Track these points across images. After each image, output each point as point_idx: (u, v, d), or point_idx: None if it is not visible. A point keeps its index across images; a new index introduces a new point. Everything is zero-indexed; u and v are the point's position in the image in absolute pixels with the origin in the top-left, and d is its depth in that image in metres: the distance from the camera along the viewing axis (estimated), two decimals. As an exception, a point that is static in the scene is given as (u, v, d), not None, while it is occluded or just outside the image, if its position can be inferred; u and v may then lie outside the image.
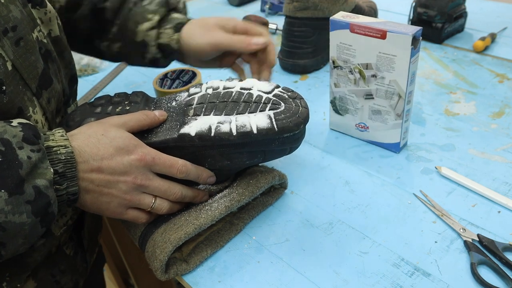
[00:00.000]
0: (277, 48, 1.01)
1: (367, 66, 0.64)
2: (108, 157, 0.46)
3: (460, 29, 1.03)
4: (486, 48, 0.95)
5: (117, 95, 0.59)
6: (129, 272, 1.16)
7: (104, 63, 1.05)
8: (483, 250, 0.52)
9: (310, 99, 0.84)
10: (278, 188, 0.62)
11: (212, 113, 0.53)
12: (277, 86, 0.56)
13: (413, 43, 0.58)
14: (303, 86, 0.89)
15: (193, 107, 0.55)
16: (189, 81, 0.82)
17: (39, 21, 0.51)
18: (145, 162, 0.49)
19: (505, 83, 0.83)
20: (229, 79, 0.58)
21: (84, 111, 0.57)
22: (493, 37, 0.96)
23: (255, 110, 0.52)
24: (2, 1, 0.44)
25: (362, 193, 0.62)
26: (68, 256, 0.57)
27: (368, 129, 0.70)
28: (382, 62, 0.62)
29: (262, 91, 0.55)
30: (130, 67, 1.04)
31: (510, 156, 0.66)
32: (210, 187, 0.57)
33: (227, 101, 0.54)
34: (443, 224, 0.56)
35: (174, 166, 0.51)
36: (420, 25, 0.97)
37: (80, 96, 0.93)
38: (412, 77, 0.62)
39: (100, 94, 0.94)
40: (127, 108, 0.57)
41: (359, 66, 0.65)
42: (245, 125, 0.51)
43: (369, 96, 0.67)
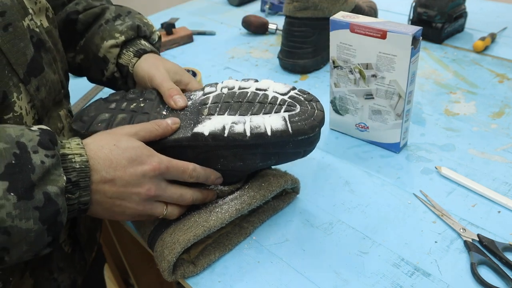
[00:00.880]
0: (277, 48, 1.01)
1: (367, 66, 0.64)
2: (121, 169, 0.46)
3: (460, 29, 1.03)
4: (486, 48, 0.95)
5: (132, 91, 0.60)
6: (129, 272, 1.16)
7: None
8: (483, 250, 0.52)
9: (310, 99, 0.84)
10: (290, 192, 0.62)
11: (226, 113, 0.53)
12: (293, 88, 0.56)
13: (413, 43, 0.58)
14: (303, 86, 0.89)
15: (208, 106, 0.55)
16: (189, 81, 0.82)
17: (31, 11, 0.51)
18: (159, 172, 0.48)
19: (505, 83, 0.83)
20: (244, 79, 0.58)
21: (99, 106, 0.57)
22: (493, 37, 0.96)
23: (270, 111, 0.52)
24: None
25: (362, 193, 0.62)
26: (66, 254, 0.57)
27: (368, 129, 0.70)
28: (382, 62, 0.62)
29: (277, 93, 0.55)
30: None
31: (510, 156, 0.66)
32: (221, 187, 0.57)
33: (242, 101, 0.54)
34: (443, 224, 0.56)
35: (186, 172, 0.51)
36: (420, 25, 0.97)
37: (80, 96, 0.93)
38: (412, 77, 0.62)
39: (101, 94, 0.94)
40: (142, 105, 0.57)
41: (359, 66, 0.65)
42: (259, 126, 0.50)
43: (369, 96, 0.67)
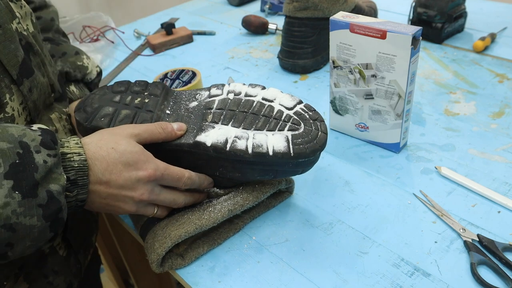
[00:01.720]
0: (277, 48, 1.01)
1: (367, 66, 0.64)
2: (117, 172, 0.46)
3: (460, 29, 1.03)
4: (486, 48, 0.95)
5: (138, 83, 0.59)
6: (129, 272, 1.16)
7: (104, 63, 1.05)
8: (483, 250, 0.52)
9: (310, 99, 0.84)
10: (283, 191, 0.62)
11: (230, 124, 0.53)
12: (300, 102, 0.56)
13: (413, 43, 0.58)
14: (303, 86, 0.89)
15: (212, 111, 0.55)
16: (189, 81, 0.82)
17: (18, 15, 0.51)
18: (154, 179, 0.49)
19: (505, 83, 0.83)
20: (252, 84, 0.58)
21: (103, 97, 0.57)
22: (493, 37, 0.96)
23: (274, 128, 0.53)
24: None
25: (362, 193, 0.62)
26: (61, 257, 0.57)
27: (368, 129, 0.70)
28: (382, 62, 0.62)
29: (284, 106, 0.55)
30: (130, 67, 1.04)
31: (510, 156, 0.66)
32: (217, 190, 0.58)
33: (247, 112, 0.54)
34: (443, 224, 0.56)
35: (181, 180, 0.51)
36: (420, 25, 0.97)
37: (80, 96, 0.93)
38: (412, 77, 0.62)
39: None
40: (146, 100, 0.57)
41: (359, 66, 0.65)
42: (262, 145, 0.51)
43: (369, 96, 0.67)
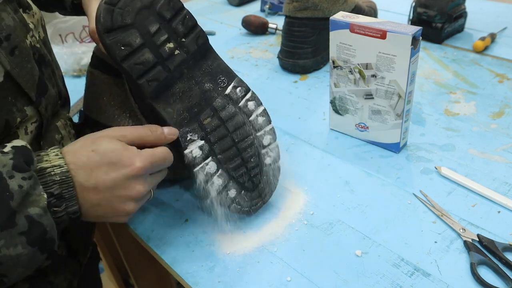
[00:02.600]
0: (277, 48, 1.01)
1: (367, 66, 0.64)
2: (102, 175, 0.44)
3: (460, 29, 1.03)
4: (486, 48, 0.95)
5: (186, 20, 0.52)
6: (129, 272, 1.16)
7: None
8: (483, 250, 0.52)
9: (310, 99, 0.84)
10: None
11: (214, 146, 0.53)
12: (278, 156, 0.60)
13: (413, 43, 0.58)
14: (303, 86, 0.89)
15: (211, 118, 0.53)
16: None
17: (32, 26, 0.50)
18: (144, 171, 0.46)
19: (505, 83, 0.83)
20: (264, 110, 0.58)
21: (143, 12, 0.49)
22: (493, 37, 0.96)
23: (238, 176, 0.55)
24: None
25: (362, 193, 0.62)
26: (60, 257, 0.57)
27: (368, 129, 0.70)
28: (382, 62, 0.62)
29: (263, 161, 0.58)
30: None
31: (510, 156, 0.66)
32: None
33: (235, 143, 0.54)
34: (443, 224, 0.56)
35: (167, 159, 0.49)
36: (420, 25, 0.97)
37: (79, 96, 0.93)
38: (412, 77, 0.62)
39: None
40: (176, 52, 0.51)
41: (359, 66, 0.65)
42: (209, 189, 0.54)
43: (369, 96, 0.67)
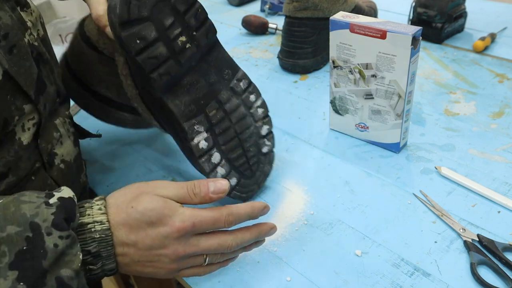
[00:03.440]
0: (277, 48, 1.01)
1: (367, 66, 0.64)
2: (141, 232, 0.42)
3: (460, 29, 1.03)
4: (486, 48, 0.95)
5: (198, 13, 0.52)
6: (129, 272, 1.16)
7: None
8: (483, 250, 0.52)
9: (310, 99, 0.84)
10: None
11: (217, 136, 0.56)
12: (271, 150, 0.63)
13: (413, 43, 0.58)
14: (303, 86, 0.89)
15: (217, 110, 0.56)
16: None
17: (29, 24, 0.49)
18: (185, 232, 0.43)
19: (505, 83, 0.83)
20: (263, 103, 0.62)
21: (160, 4, 0.49)
22: (493, 37, 0.96)
23: (239, 165, 0.59)
24: None
25: (362, 193, 0.62)
26: None
27: (368, 129, 0.70)
28: (382, 62, 0.62)
29: (260, 151, 0.62)
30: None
31: (510, 156, 0.66)
32: None
33: (237, 135, 0.58)
34: (443, 224, 0.56)
35: (220, 221, 0.45)
36: (420, 25, 0.97)
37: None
38: (412, 77, 0.62)
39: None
40: (187, 46, 0.52)
41: (359, 66, 0.65)
42: (214, 175, 0.56)
43: (369, 96, 0.67)
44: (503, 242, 0.53)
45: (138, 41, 0.48)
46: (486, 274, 0.50)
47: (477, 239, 0.53)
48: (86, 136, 0.65)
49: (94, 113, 0.68)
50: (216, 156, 0.56)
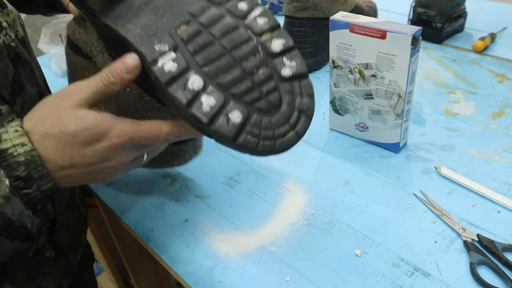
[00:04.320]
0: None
1: (367, 66, 0.64)
2: (78, 153, 0.40)
3: (460, 29, 1.03)
4: (486, 48, 0.95)
5: None
6: (129, 272, 1.16)
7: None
8: (483, 250, 0.52)
9: (310, 99, 0.84)
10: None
11: (193, 55, 0.40)
12: (302, 75, 0.44)
13: (413, 43, 0.58)
14: (303, 86, 0.89)
15: (190, 23, 0.42)
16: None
17: (5, 24, 0.48)
18: (122, 145, 0.41)
19: (505, 83, 0.83)
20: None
21: None
22: (493, 37, 0.96)
23: (240, 94, 0.41)
24: None
25: (362, 193, 0.62)
26: (48, 258, 0.56)
27: (368, 129, 0.70)
28: (382, 62, 0.62)
29: (277, 70, 0.43)
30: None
31: (510, 156, 0.66)
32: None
33: (228, 49, 0.41)
34: (443, 224, 0.56)
35: (159, 137, 0.42)
36: (420, 25, 0.97)
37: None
38: (412, 77, 0.62)
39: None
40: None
41: (359, 66, 0.65)
42: (206, 111, 0.39)
43: (369, 96, 0.67)
44: (503, 242, 0.53)
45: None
46: (486, 274, 0.50)
47: (477, 239, 0.53)
48: None
49: None
50: (196, 80, 0.39)
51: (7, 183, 0.37)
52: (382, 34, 0.60)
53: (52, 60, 1.05)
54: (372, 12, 1.03)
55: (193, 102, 0.39)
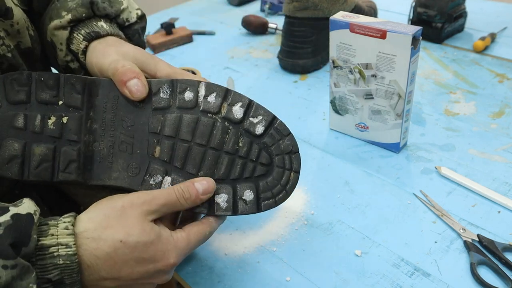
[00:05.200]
0: (277, 48, 1.01)
1: (367, 66, 0.64)
2: (128, 269, 0.38)
3: (460, 29, 1.03)
4: (486, 48, 0.95)
5: (45, 83, 0.43)
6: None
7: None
8: (483, 250, 0.52)
9: (310, 99, 0.84)
10: None
11: (184, 168, 0.44)
12: (272, 121, 0.45)
13: (413, 43, 0.58)
14: (303, 86, 0.89)
15: (160, 141, 0.44)
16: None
17: (3, 34, 0.46)
18: (175, 264, 0.41)
19: (505, 83, 0.83)
20: (211, 86, 0.45)
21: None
22: (493, 37, 0.96)
23: (239, 174, 0.44)
24: None
25: (362, 193, 0.62)
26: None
27: (368, 129, 0.70)
28: (382, 62, 0.62)
29: (251, 132, 0.45)
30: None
31: (510, 156, 0.66)
32: None
33: (205, 145, 0.44)
34: (443, 224, 0.56)
35: (206, 238, 0.44)
36: (420, 25, 0.97)
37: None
38: (412, 77, 0.62)
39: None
40: (63, 120, 0.43)
41: (359, 66, 0.65)
42: (226, 206, 0.44)
43: (369, 96, 0.67)
44: (503, 242, 0.53)
45: (8, 165, 0.41)
46: (486, 274, 0.50)
47: (477, 239, 0.53)
48: None
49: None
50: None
51: None
52: (382, 34, 0.60)
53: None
54: (372, 12, 1.03)
55: (214, 206, 0.44)
